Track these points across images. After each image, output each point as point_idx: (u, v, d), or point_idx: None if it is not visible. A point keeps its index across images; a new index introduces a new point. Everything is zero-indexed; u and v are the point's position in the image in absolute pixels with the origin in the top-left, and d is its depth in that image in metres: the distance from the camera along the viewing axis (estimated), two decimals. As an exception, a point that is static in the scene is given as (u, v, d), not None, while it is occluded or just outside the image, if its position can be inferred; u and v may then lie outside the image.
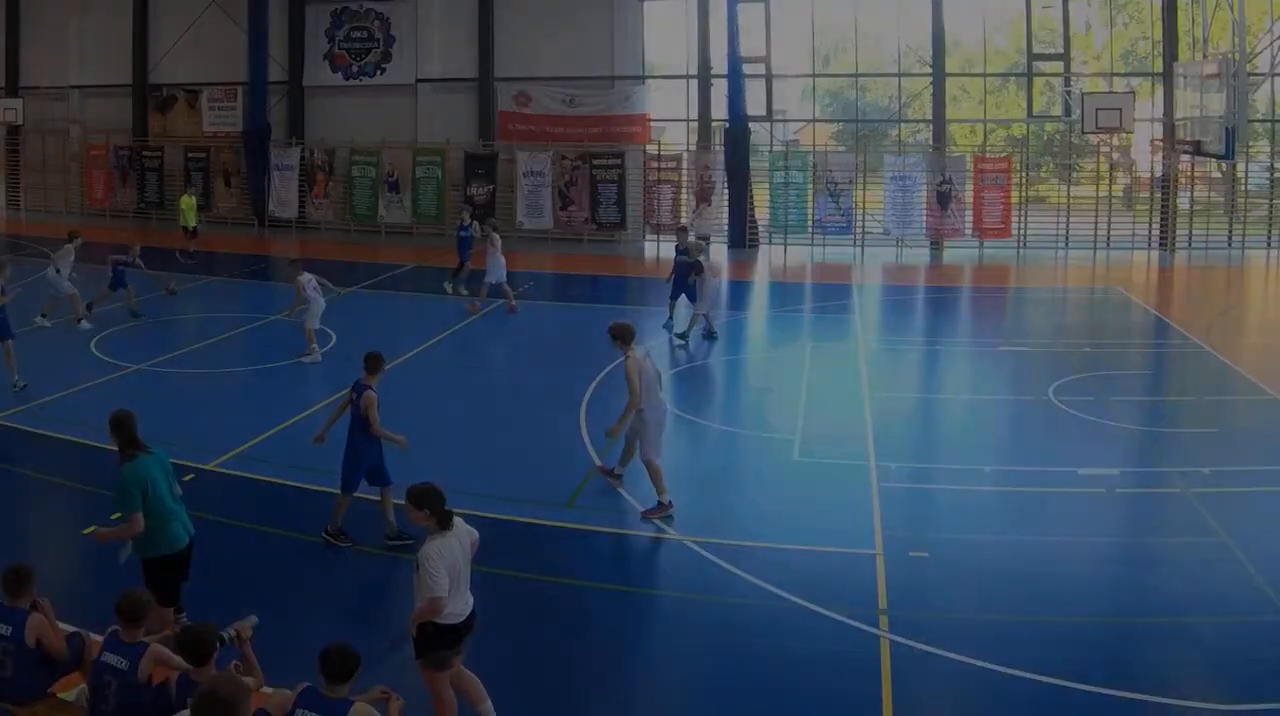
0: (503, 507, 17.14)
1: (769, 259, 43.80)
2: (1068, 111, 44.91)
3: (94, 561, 12.88)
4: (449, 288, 34.84)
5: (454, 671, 10.82)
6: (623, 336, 17.39)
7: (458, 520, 10.79)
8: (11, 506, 17.44)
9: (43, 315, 28.96)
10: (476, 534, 11.04)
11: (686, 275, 29.02)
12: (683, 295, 29.35)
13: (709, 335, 28.69)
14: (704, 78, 46.70)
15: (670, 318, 29.56)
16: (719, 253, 43.60)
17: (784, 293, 36.88)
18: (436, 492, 10.65)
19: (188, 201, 42.69)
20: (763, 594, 14.38)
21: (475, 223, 35.83)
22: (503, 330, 30.50)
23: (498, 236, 32.51)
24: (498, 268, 32.08)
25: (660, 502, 16.99)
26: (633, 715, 12.22)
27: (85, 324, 29.11)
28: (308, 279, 26.81)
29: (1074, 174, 47.15)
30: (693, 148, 47.21)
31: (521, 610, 14.02)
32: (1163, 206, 44.17)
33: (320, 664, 8.90)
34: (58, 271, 29.20)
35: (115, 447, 12.35)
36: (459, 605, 10.62)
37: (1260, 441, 20.85)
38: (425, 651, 10.59)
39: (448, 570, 10.37)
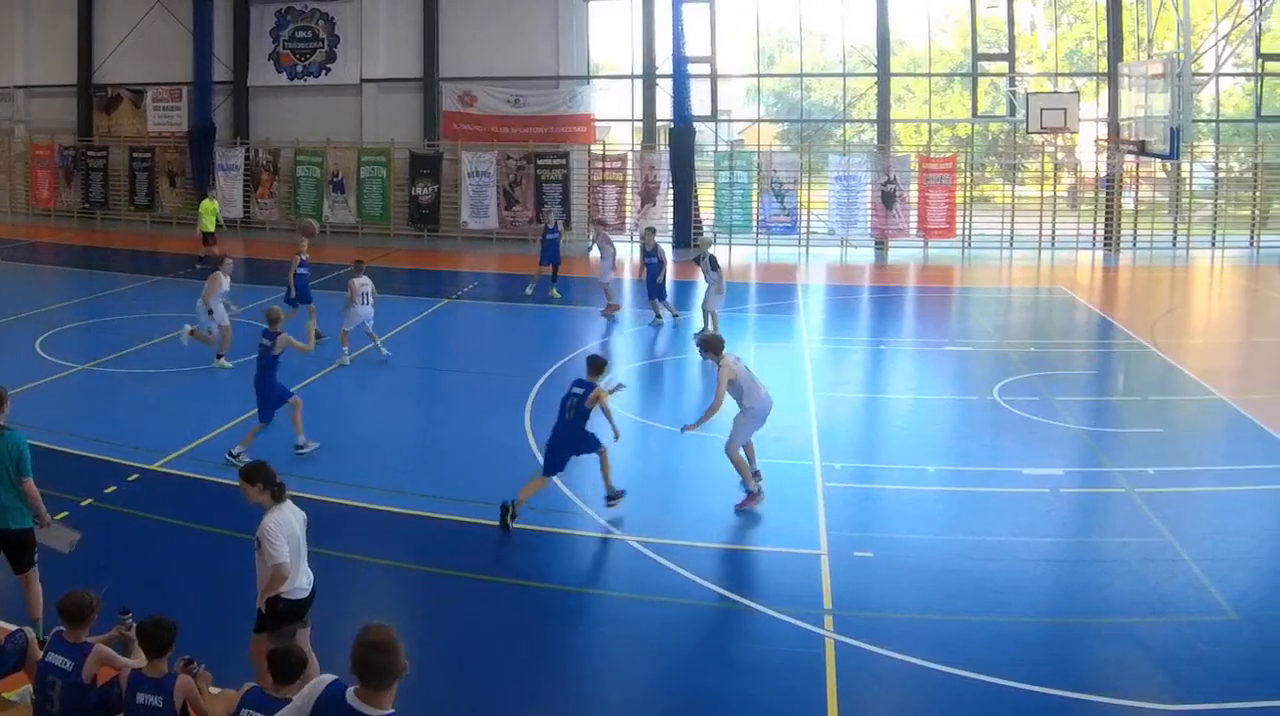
0: (447, 507, 17.15)
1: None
2: (1012, 111, 45.12)
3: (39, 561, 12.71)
4: (554, 293, 34.34)
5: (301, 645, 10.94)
6: (715, 348, 17.83)
7: (288, 499, 11.13)
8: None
9: (219, 356, 25.84)
10: (304, 514, 11.33)
11: (656, 275, 29.26)
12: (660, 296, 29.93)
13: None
14: (649, 78, 46.62)
15: (658, 316, 29.86)
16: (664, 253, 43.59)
17: (729, 292, 36.68)
18: (268, 468, 11.14)
19: (209, 205, 41.11)
20: (707, 594, 14.34)
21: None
22: (448, 330, 30.38)
23: (607, 235, 32.47)
24: (606, 270, 32.15)
25: (749, 492, 17.35)
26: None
27: (225, 363, 25.64)
28: (363, 282, 26.37)
29: (1019, 174, 47.42)
30: (637, 148, 47.21)
31: (465, 610, 13.91)
32: (1107, 206, 44.46)
33: (269, 663, 8.90)
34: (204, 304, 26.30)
35: None
36: (301, 580, 11.06)
37: (1204, 441, 20.99)
38: (271, 627, 10.88)
39: (287, 541, 10.79)
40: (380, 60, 48.66)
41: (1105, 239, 44.36)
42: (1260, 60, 44.40)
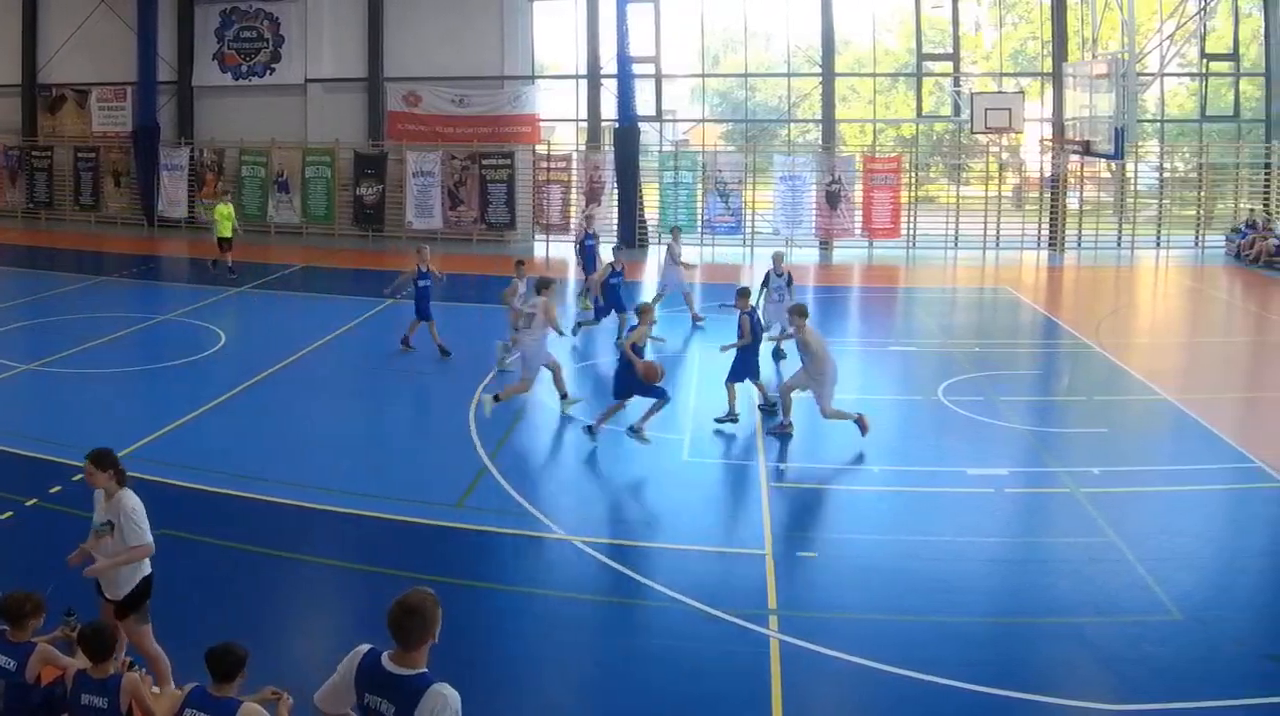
0: (392, 507, 17.03)
1: (659, 258, 43.50)
2: (957, 111, 45.32)
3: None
4: (586, 304, 32.95)
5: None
6: (801, 314, 20.35)
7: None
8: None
9: (564, 396, 22.57)
10: None
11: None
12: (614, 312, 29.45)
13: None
14: (593, 78, 46.62)
15: (583, 324, 29.41)
16: (606, 253, 43.52)
17: (674, 292, 36.75)
18: (114, 455, 11.07)
19: (223, 210, 39.70)
20: (651, 594, 14.25)
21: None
22: (392, 330, 30.16)
23: (671, 244, 32.46)
24: (671, 276, 31.97)
25: (861, 424, 20.36)
26: (517, 720, 11.95)
27: (488, 410, 21.23)
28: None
29: (963, 174, 47.55)
30: (582, 148, 47.19)
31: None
32: (1052, 206, 44.70)
33: (206, 662, 8.84)
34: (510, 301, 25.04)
35: None
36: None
37: (1149, 441, 21.06)
38: (134, 606, 10.98)
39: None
40: (325, 60, 48.41)
41: (1050, 239, 44.61)
42: (1205, 60, 44.83)
